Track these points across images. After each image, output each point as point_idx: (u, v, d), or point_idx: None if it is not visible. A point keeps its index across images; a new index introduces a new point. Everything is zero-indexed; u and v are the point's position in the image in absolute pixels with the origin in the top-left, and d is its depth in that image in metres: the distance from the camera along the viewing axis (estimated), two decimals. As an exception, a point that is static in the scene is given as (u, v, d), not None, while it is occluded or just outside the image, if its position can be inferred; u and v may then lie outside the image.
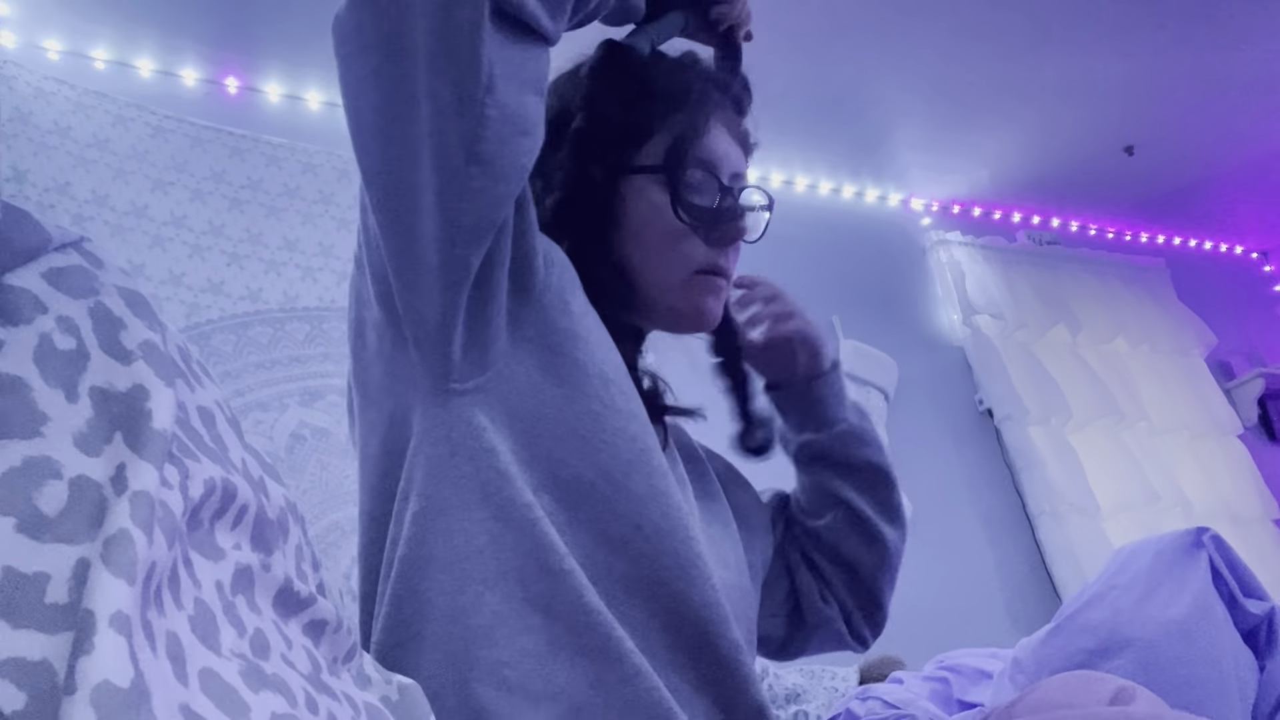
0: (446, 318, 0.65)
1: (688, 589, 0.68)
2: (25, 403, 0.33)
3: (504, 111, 0.61)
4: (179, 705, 0.33)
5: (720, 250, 0.81)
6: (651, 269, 0.80)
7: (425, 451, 0.68)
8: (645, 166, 0.80)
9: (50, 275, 0.35)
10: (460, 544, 0.65)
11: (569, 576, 0.64)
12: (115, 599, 0.30)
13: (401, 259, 0.65)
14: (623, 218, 0.80)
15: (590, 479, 0.68)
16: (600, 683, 0.63)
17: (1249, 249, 4.19)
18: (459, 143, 0.60)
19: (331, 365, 2.17)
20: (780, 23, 2.53)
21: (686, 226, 0.79)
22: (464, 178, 0.61)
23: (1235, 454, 3.42)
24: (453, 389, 0.67)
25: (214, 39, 2.35)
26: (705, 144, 0.80)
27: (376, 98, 0.62)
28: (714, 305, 0.82)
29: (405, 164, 0.62)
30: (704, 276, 0.80)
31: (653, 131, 0.80)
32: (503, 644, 0.63)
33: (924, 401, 3.03)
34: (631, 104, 0.81)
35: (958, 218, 3.55)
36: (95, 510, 0.32)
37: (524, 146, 0.64)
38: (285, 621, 0.45)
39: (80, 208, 2.08)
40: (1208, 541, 1.00)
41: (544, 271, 0.72)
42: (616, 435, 0.69)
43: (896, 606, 1.01)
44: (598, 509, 0.68)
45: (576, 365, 0.70)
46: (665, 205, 0.78)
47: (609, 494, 0.68)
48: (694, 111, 0.81)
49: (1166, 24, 2.72)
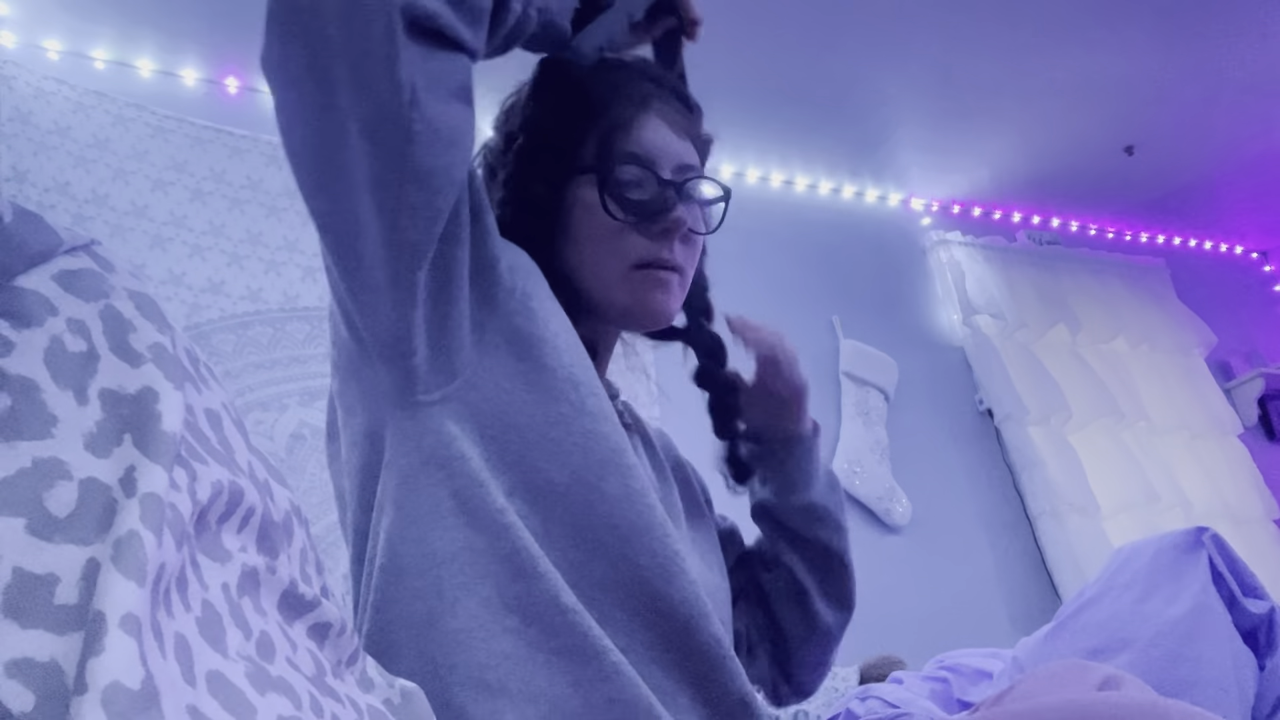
0: (403, 333, 0.66)
1: (666, 586, 0.68)
2: (35, 404, 0.33)
3: (430, 125, 0.61)
4: (187, 707, 0.33)
5: (662, 243, 0.79)
6: (591, 268, 0.80)
7: (398, 463, 0.68)
8: (579, 168, 0.80)
9: (61, 278, 0.35)
10: (435, 551, 0.66)
11: (544, 579, 0.65)
12: (125, 600, 0.30)
13: (352, 281, 0.66)
14: (567, 224, 0.80)
15: (563, 481, 0.68)
16: (580, 682, 0.64)
17: (1249, 249, 4.19)
18: (390, 162, 0.60)
19: (331, 365, 2.17)
20: (780, 22, 2.53)
21: (619, 222, 0.78)
22: (399, 194, 0.61)
23: (1235, 454, 3.42)
24: (420, 400, 0.68)
25: (214, 39, 2.35)
26: (636, 138, 0.80)
27: (306, 129, 0.62)
28: (662, 299, 0.80)
29: (341, 189, 0.63)
30: (645, 271, 0.79)
31: (586, 134, 0.80)
32: (480, 647, 0.63)
33: (924, 401, 3.04)
34: (567, 111, 0.81)
35: (958, 218, 3.55)
36: (105, 512, 0.33)
37: (455, 158, 0.64)
38: (290, 624, 0.45)
39: (80, 208, 2.08)
40: (1207, 541, 1.00)
41: (508, 277, 0.72)
42: (587, 437, 0.69)
43: (897, 606, 1.00)
44: (572, 511, 0.68)
45: (544, 369, 0.70)
46: (597, 203, 0.78)
47: (583, 495, 0.68)
48: (622, 107, 0.81)
49: (1167, 24, 2.72)
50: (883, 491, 2.71)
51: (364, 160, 0.61)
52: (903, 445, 2.87)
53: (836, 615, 0.92)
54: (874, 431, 2.82)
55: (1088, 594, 1.08)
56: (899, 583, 2.52)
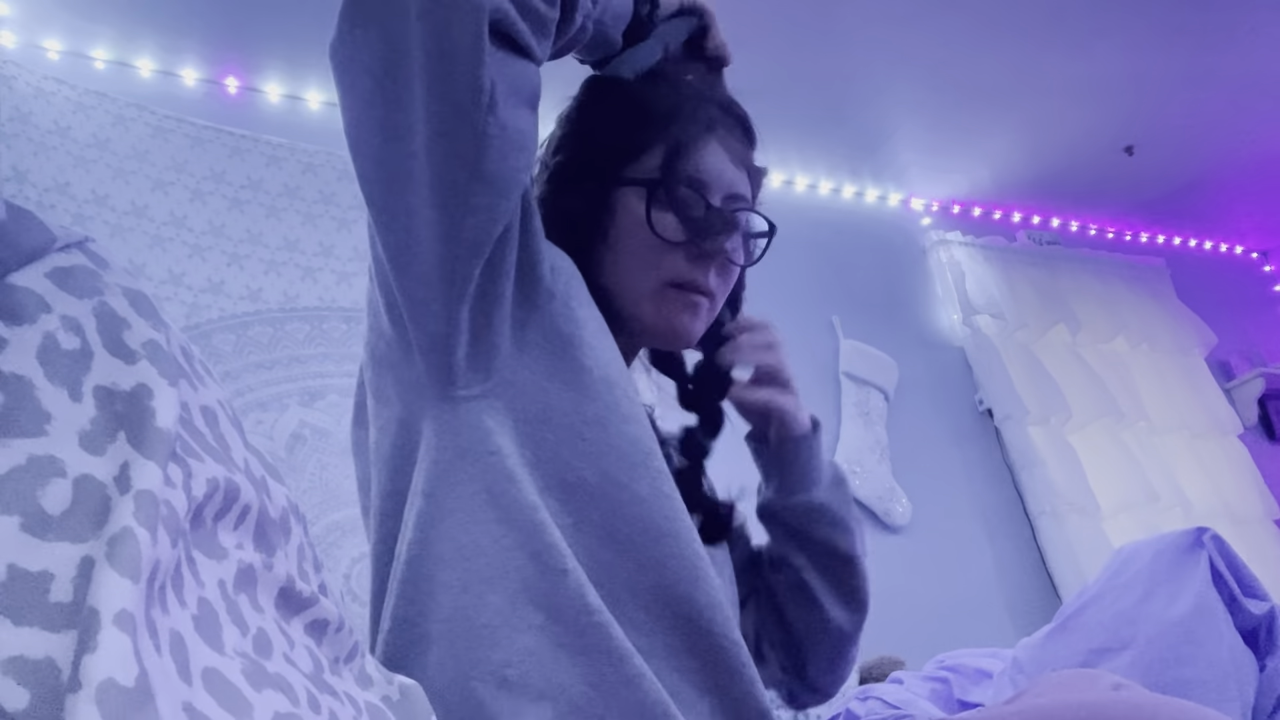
0: (450, 328, 0.67)
1: (693, 590, 0.68)
2: (29, 401, 0.33)
3: (504, 130, 0.62)
4: (182, 704, 0.33)
5: (699, 267, 0.79)
6: (624, 278, 0.80)
7: (433, 454, 0.69)
8: (634, 180, 0.80)
9: (54, 275, 0.35)
10: (465, 544, 0.66)
11: (571, 576, 0.65)
12: (119, 597, 0.30)
13: (404, 274, 0.66)
14: (610, 231, 0.80)
15: (595, 481, 0.68)
16: (601, 683, 0.63)
17: (1249, 249, 4.19)
18: (461, 161, 0.61)
19: (331, 365, 2.17)
20: (780, 22, 2.53)
21: (661, 240, 0.78)
22: (465, 194, 0.62)
23: (1235, 454, 3.42)
24: (459, 395, 0.69)
25: (214, 39, 2.35)
26: (695, 160, 0.80)
27: (374, 120, 0.62)
28: (689, 322, 0.81)
29: (404, 186, 0.63)
30: (677, 291, 0.79)
31: (646, 146, 0.81)
32: (504, 643, 0.63)
33: (924, 401, 3.03)
34: (624, 121, 0.82)
35: (958, 218, 3.55)
36: (99, 509, 0.32)
37: (522, 162, 0.65)
38: (287, 621, 0.45)
39: (80, 208, 2.08)
40: (1208, 541, 1.00)
41: (549, 278, 0.73)
42: (620, 438, 0.70)
43: (897, 607, 1.00)
44: (603, 511, 0.68)
45: (581, 369, 0.71)
46: (643, 216, 0.78)
47: (614, 496, 0.68)
48: (686, 126, 0.81)
49: (1166, 24, 2.72)
50: (883, 491, 2.71)
51: (433, 159, 0.61)
52: (903, 445, 2.87)
53: (848, 615, 0.90)
54: (874, 431, 2.82)
55: (1088, 594, 1.08)
56: (899, 583, 2.51)
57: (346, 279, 2.32)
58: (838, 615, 0.89)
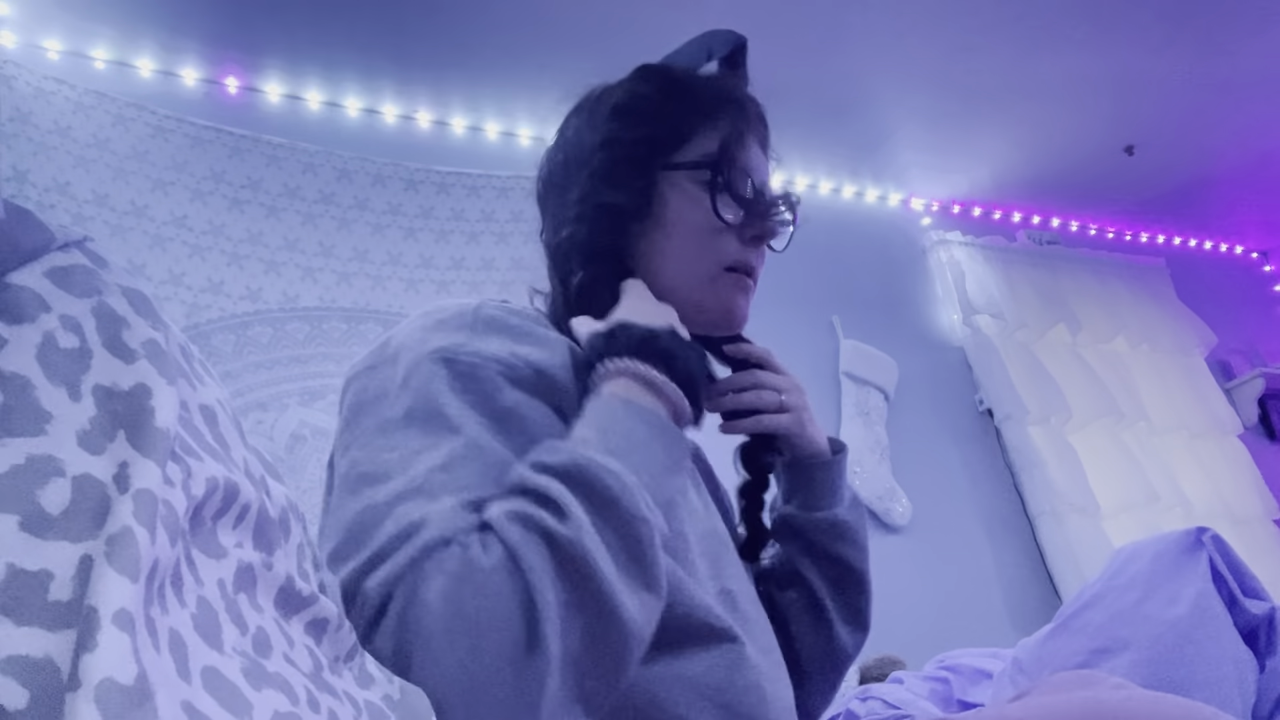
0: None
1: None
2: (28, 401, 0.33)
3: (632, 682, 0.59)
4: (182, 703, 0.33)
5: (751, 249, 0.82)
6: (681, 263, 0.81)
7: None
8: (688, 163, 0.81)
9: (53, 274, 0.35)
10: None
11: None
12: (119, 596, 0.30)
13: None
14: (658, 212, 0.81)
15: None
16: None
17: (1249, 249, 4.19)
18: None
19: (332, 365, 2.17)
20: (781, 23, 2.53)
21: (723, 224, 0.80)
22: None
23: (1235, 454, 3.42)
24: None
25: (214, 39, 2.35)
26: (746, 152, 0.83)
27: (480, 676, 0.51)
28: (743, 304, 0.83)
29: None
30: (734, 274, 0.82)
31: (694, 133, 0.82)
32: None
33: (924, 401, 3.03)
34: (672, 108, 0.83)
35: (958, 218, 3.55)
36: (98, 508, 0.32)
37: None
38: (287, 620, 0.45)
39: (80, 208, 2.08)
40: (1208, 541, 1.00)
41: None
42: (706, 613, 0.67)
43: (897, 606, 1.00)
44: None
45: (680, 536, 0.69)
46: (704, 200, 0.80)
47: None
48: (736, 118, 0.83)
49: (1166, 23, 2.72)
50: (883, 491, 2.71)
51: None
52: (903, 445, 2.87)
53: (853, 635, 0.91)
54: (874, 431, 2.82)
55: (1088, 594, 1.08)
56: (899, 583, 2.51)
57: (346, 279, 2.32)
58: (843, 634, 0.90)
